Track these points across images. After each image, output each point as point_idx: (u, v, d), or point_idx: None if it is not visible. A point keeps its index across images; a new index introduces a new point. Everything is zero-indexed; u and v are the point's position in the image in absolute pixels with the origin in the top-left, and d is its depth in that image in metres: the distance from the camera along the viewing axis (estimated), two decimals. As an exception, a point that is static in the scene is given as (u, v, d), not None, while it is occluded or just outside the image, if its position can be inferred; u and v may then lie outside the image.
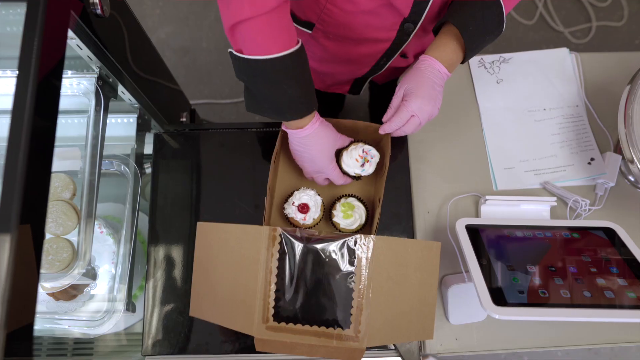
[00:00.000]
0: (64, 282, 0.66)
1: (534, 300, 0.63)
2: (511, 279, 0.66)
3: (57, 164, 0.73)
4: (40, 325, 0.85)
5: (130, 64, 0.83)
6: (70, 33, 0.64)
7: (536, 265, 0.68)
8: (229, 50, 0.68)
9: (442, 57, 0.72)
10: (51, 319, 0.84)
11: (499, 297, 0.63)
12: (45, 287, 0.77)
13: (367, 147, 0.80)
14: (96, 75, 0.73)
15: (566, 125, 0.93)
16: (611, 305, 0.62)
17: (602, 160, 0.88)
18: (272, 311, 0.67)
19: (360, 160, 0.78)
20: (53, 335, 0.90)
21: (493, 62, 0.97)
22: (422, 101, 0.71)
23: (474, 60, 0.97)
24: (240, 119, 1.91)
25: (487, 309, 0.61)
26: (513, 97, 0.95)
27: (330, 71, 0.97)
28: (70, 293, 0.80)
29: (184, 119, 1.13)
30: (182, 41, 1.99)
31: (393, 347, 0.79)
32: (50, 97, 0.52)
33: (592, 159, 0.89)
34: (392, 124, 0.74)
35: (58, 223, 0.67)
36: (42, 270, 0.67)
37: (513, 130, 0.92)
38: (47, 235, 0.69)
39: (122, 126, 0.92)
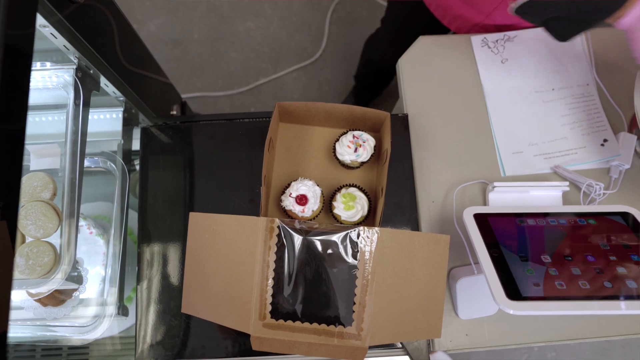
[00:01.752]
0: (46, 288, 0.62)
1: (551, 293, 0.58)
2: (525, 271, 0.61)
3: (35, 162, 0.68)
4: (32, 333, 0.81)
5: (112, 54, 0.78)
6: (42, 20, 0.59)
7: (551, 255, 0.64)
8: None
9: None
10: (43, 325, 0.80)
11: (513, 291, 0.58)
12: (30, 293, 0.73)
13: (357, 132, 0.76)
14: (74, 67, 0.68)
15: (576, 105, 0.88)
16: (636, 296, 0.57)
17: (616, 141, 0.84)
18: (269, 308, 0.64)
19: (352, 145, 0.74)
20: (46, 342, 0.86)
21: (497, 40, 0.92)
22: None
23: (476, 40, 0.92)
24: (236, 111, 1.87)
25: (500, 304, 0.57)
26: (519, 78, 0.90)
27: None
28: (58, 298, 0.75)
29: (175, 112, 1.09)
30: (173, 33, 1.94)
31: (400, 345, 0.75)
32: (17, 88, 0.47)
33: (605, 140, 0.85)
34: None
35: (38, 225, 0.63)
36: (22, 276, 0.63)
37: (520, 112, 0.87)
38: (27, 239, 0.65)
39: (107, 121, 0.87)
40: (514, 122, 0.87)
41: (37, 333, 0.81)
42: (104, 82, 0.77)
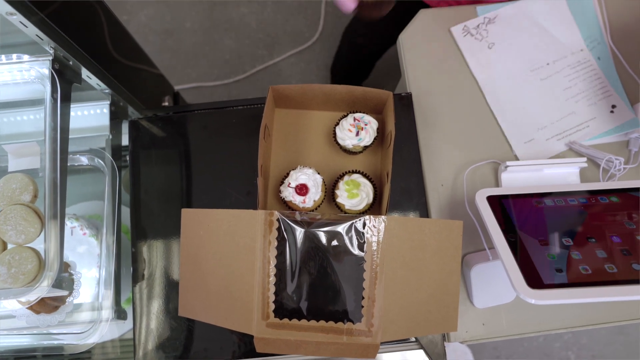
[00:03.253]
0: (32, 296, 0.58)
1: (576, 278, 0.54)
2: (546, 256, 0.57)
3: (14, 163, 0.64)
4: (30, 341, 0.78)
5: (93, 43, 0.73)
6: (7, 7, 0.54)
7: (573, 237, 0.59)
8: None
9: None
10: (40, 334, 0.77)
11: (534, 279, 0.54)
12: (20, 300, 0.69)
13: (358, 115, 0.71)
14: (50, 58, 0.64)
15: (575, 75, 0.82)
16: (669, 279, 0.53)
17: (626, 106, 0.79)
18: (272, 306, 0.60)
19: (354, 129, 0.70)
20: (43, 350, 0.83)
21: (478, 26, 0.85)
22: None
23: (457, 30, 0.85)
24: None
25: (521, 294, 0.53)
26: (510, 60, 0.83)
27: None
28: (51, 305, 0.72)
29: (167, 104, 1.04)
30: (164, 23, 1.88)
31: (413, 339, 0.71)
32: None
33: (613, 106, 0.80)
34: None
35: (18, 230, 0.59)
36: (5, 286, 0.59)
37: (520, 97, 0.81)
38: (9, 245, 0.61)
39: (94, 116, 0.82)
40: (517, 110, 0.81)
41: (35, 341, 0.78)
42: (85, 74, 0.72)
